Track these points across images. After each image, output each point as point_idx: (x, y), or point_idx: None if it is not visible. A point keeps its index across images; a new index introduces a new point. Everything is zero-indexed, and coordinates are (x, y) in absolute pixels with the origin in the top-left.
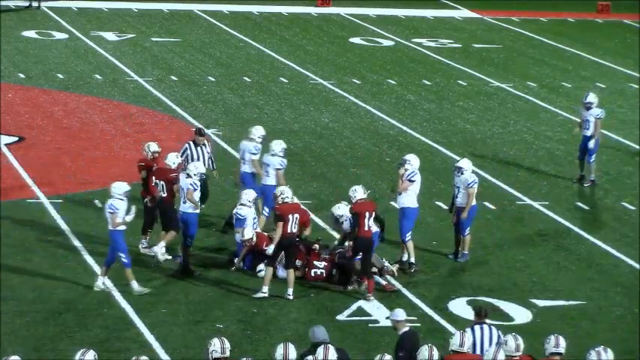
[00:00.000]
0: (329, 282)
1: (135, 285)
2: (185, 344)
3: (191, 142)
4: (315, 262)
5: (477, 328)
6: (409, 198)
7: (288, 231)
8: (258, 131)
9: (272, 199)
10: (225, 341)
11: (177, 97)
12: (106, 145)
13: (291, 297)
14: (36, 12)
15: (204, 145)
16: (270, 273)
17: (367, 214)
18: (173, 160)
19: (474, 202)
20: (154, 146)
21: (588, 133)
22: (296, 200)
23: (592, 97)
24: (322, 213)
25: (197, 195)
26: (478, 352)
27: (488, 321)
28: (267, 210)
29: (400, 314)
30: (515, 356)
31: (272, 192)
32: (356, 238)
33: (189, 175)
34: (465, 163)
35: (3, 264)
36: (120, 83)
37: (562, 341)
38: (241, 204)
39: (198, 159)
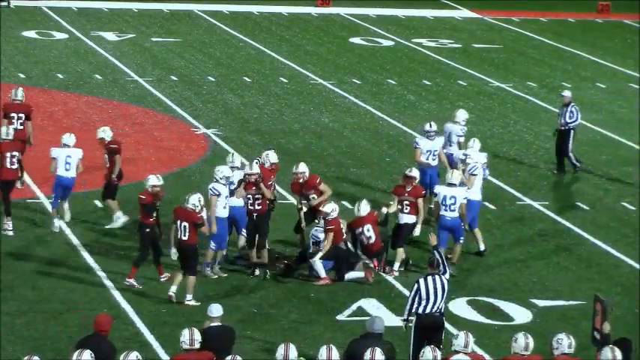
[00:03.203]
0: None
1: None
2: None
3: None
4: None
5: (429, 277)
6: (473, 191)
7: (179, 237)
8: (463, 114)
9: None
10: (195, 332)
11: (177, 97)
12: None
13: (192, 302)
14: (36, 12)
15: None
16: (179, 276)
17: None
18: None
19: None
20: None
21: None
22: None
23: None
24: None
25: (221, 201)
26: (432, 297)
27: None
28: None
29: (216, 310)
30: (524, 355)
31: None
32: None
33: (217, 180)
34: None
35: (3, 264)
36: (120, 83)
37: (574, 342)
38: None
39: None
